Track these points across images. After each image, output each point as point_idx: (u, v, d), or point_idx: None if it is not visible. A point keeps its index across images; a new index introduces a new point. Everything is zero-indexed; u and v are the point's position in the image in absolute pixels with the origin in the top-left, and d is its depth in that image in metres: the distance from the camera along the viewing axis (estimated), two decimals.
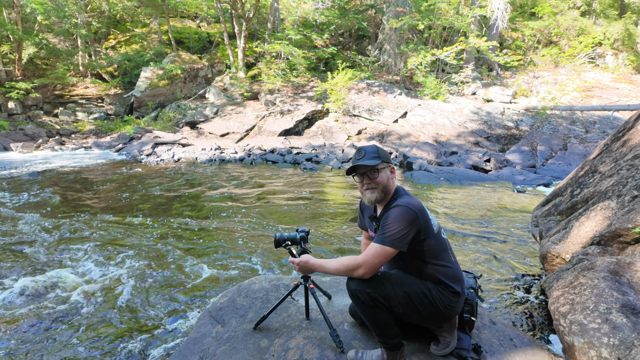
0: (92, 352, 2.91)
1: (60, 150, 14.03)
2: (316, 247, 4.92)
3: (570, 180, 4.23)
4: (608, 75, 19.53)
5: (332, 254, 4.76)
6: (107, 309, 3.49)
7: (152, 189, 8.32)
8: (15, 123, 16.70)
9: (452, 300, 1.95)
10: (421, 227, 1.87)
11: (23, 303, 3.58)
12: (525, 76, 19.60)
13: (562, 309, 1.95)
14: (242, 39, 19.31)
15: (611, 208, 2.75)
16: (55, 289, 3.85)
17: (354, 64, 20.29)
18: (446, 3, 17.72)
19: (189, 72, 19.38)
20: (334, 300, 2.67)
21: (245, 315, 2.55)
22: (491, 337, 2.32)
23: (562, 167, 10.56)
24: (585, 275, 2.11)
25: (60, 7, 18.56)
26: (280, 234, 2.29)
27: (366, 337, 2.27)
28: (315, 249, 4.86)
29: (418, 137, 14.42)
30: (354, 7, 22.28)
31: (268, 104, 17.63)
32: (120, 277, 4.08)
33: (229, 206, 7.02)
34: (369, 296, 1.85)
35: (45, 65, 19.92)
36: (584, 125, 13.97)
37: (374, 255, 1.83)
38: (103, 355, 2.87)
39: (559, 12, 21.83)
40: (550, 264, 3.01)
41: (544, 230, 3.65)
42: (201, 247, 4.98)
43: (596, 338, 1.71)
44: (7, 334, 3.11)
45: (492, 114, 15.47)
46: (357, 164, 1.97)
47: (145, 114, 18.42)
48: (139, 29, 23.48)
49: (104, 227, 5.68)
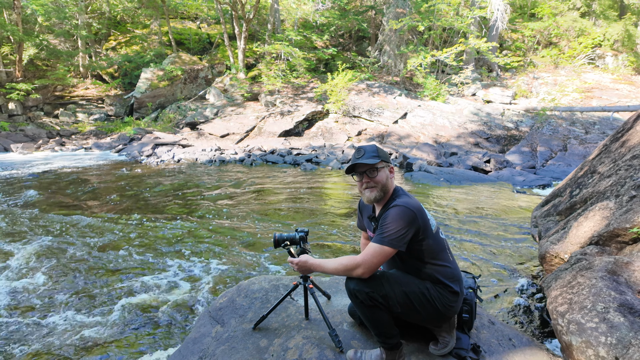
0: (91, 351, 2.91)
1: (61, 151, 14.05)
2: (315, 248, 4.93)
3: (570, 180, 4.24)
4: (608, 76, 19.56)
5: (331, 255, 4.76)
6: (102, 308, 3.50)
7: (152, 189, 8.33)
8: (16, 124, 16.73)
9: (450, 299, 1.95)
10: (420, 227, 1.88)
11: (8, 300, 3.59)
12: (525, 77, 19.62)
13: (560, 309, 1.96)
14: (242, 40, 19.34)
15: (609, 208, 2.76)
16: (49, 289, 3.86)
17: (354, 65, 20.32)
18: (446, 4, 17.75)
19: (189, 73, 19.41)
20: (333, 300, 2.68)
21: (245, 315, 2.55)
22: (490, 336, 2.32)
23: (561, 168, 10.57)
24: (584, 275, 2.12)
25: (61, 9, 18.60)
26: (279, 234, 2.30)
27: (365, 337, 2.27)
28: (314, 250, 4.87)
29: (418, 138, 14.44)
30: (354, 8, 22.32)
31: (268, 104, 17.66)
32: (121, 278, 4.09)
33: (229, 206, 7.03)
34: (367, 296, 1.86)
35: (46, 66, 19.97)
36: (584, 126, 13.98)
37: (373, 255, 1.84)
38: (102, 355, 2.87)
39: (559, 13, 21.88)
40: (549, 264, 3.02)
41: (543, 230, 3.65)
42: (200, 247, 4.99)
43: (594, 337, 1.71)
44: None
45: (492, 114, 15.49)
46: (357, 163, 1.98)
47: (145, 115, 18.45)
48: (140, 30, 23.53)
49: (102, 227, 5.69)
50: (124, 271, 4.27)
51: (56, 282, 3.98)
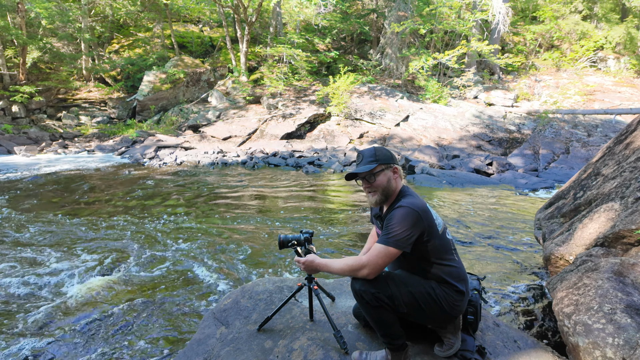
0: (97, 353, 2.92)
1: (64, 153, 14.09)
2: (318, 249, 4.92)
3: (573, 183, 4.23)
4: (610, 79, 19.54)
5: (334, 256, 4.76)
6: (110, 310, 3.50)
7: (155, 191, 8.35)
8: (19, 127, 16.79)
9: (456, 299, 1.95)
10: (425, 228, 1.88)
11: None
12: (527, 80, 19.62)
13: (567, 310, 1.95)
14: (244, 43, 19.41)
15: (614, 210, 2.75)
16: (55, 291, 3.87)
17: (355, 68, 20.36)
18: (448, 8, 17.79)
19: (191, 76, 19.48)
20: (338, 302, 2.67)
21: (249, 316, 2.55)
22: (495, 338, 2.32)
23: (564, 171, 10.55)
24: (589, 276, 2.11)
25: (65, 12, 18.71)
26: (284, 235, 2.30)
27: (370, 339, 2.27)
28: (318, 252, 4.86)
29: (420, 140, 14.44)
30: (355, 11, 22.39)
31: (270, 107, 17.70)
32: (123, 279, 4.09)
33: (232, 209, 7.04)
34: (373, 296, 1.86)
35: (49, 69, 20.07)
36: (586, 128, 13.96)
37: (378, 256, 1.84)
38: (109, 357, 2.87)
39: (561, 16, 21.91)
40: (553, 266, 3.01)
41: (547, 232, 3.65)
42: (204, 249, 4.99)
43: (601, 338, 1.71)
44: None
45: (494, 117, 15.48)
46: (353, 172, 2.03)
47: (147, 118, 18.51)
48: (142, 34, 23.65)
49: (103, 229, 5.71)
50: (125, 272, 4.28)
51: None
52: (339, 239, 5.36)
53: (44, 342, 3.02)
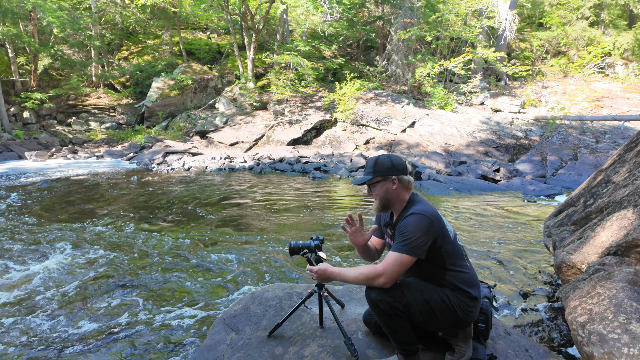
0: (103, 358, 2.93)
1: (73, 158, 14.27)
2: (327, 257, 4.91)
3: (583, 190, 4.20)
4: (618, 85, 19.41)
5: (343, 263, 4.75)
6: (118, 316, 3.53)
7: (163, 197, 8.41)
8: (30, 132, 17.06)
9: (469, 305, 1.95)
10: (438, 234, 1.89)
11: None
12: (534, 86, 19.56)
13: (580, 319, 1.94)
14: (251, 50, 19.60)
15: (627, 218, 2.73)
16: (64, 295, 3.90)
17: (362, 75, 20.44)
18: (454, 15, 17.83)
19: (199, 83, 19.68)
20: (347, 309, 2.67)
21: (259, 322, 2.56)
22: (506, 347, 2.30)
23: (572, 177, 10.46)
24: (603, 285, 2.09)
25: (76, 20, 19.05)
26: (295, 242, 2.30)
27: (380, 346, 2.26)
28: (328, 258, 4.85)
29: (426, 146, 14.41)
30: (362, 18, 22.54)
31: (277, 113, 17.80)
32: (129, 285, 4.12)
33: (239, 214, 7.07)
34: (389, 305, 1.86)
35: (60, 76, 20.40)
36: (595, 135, 13.85)
37: (393, 264, 1.84)
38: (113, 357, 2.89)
39: (567, 23, 21.85)
40: (565, 275, 2.98)
41: (558, 240, 3.61)
42: (211, 254, 5.01)
43: (616, 348, 1.69)
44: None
45: (501, 123, 15.42)
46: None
47: (156, 124, 18.70)
48: (151, 41, 23.99)
49: (112, 235, 5.76)
50: (127, 277, 4.31)
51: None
52: (347, 246, 5.35)
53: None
